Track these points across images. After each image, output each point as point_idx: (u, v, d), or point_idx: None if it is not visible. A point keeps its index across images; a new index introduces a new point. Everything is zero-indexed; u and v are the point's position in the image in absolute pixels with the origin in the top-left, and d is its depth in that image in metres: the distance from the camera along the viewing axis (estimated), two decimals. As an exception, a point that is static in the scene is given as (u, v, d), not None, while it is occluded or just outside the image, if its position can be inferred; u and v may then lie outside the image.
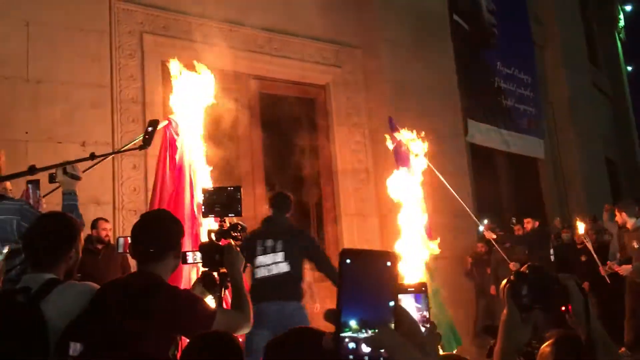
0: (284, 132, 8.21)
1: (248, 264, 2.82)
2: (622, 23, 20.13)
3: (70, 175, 3.07)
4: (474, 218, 7.76)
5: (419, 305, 1.19)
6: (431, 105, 9.01)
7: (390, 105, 8.63)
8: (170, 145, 4.16)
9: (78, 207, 3.07)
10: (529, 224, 9.02)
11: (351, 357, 0.72)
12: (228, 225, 2.83)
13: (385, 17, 8.98)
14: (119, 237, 3.62)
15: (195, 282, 2.85)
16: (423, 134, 6.28)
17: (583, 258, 8.39)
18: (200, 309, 2.33)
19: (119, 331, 2.16)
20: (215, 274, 2.75)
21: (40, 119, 5.93)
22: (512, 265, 8.19)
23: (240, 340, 2.27)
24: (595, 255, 7.82)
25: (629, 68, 21.12)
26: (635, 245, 6.77)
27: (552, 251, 8.51)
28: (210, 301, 2.68)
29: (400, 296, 1.18)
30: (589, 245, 7.96)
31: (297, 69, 8.27)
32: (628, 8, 20.99)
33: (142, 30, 6.86)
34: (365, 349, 0.72)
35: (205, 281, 2.73)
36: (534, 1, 13.77)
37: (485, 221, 8.76)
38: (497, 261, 8.46)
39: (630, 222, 6.91)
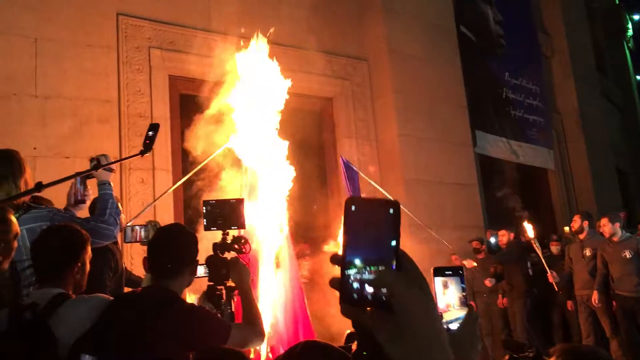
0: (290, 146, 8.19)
1: (254, 277, 2.79)
2: (630, 32, 20.06)
3: (104, 168, 3.16)
4: (445, 243, 7.64)
5: (462, 286, 1.20)
6: (439, 116, 9.00)
7: (397, 117, 8.62)
8: None
9: (113, 195, 3.18)
10: (504, 236, 8.53)
11: (355, 295, 0.76)
12: (231, 238, 2.81)
13: (392, 29, 8.99)
14: (127, 226, 3.60)
15: (201, 298, 2.82)
16: None
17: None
18: (216, 324, 2.31)
19: (132, 346, 2.13)
20: (221, 288, 2.72)
21: (48, 134, 5.95)
22: (488, 282, 8.05)
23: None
24: (544, 262, 7.58)
25: (639, 77, 21.01)
26: (628, 255, 6.73)
27: (529, 264, 8.08)
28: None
29: (439, 278, 1.22)
30: (538, 251, 7.70)
31: (304, 82, 8.28)
32: (636, 17, 20.92)
33: (150, 45, 6.89)
34: (369, 288, 0.76)
35: (211, 296, 2.70)
36: (541, 12, 13.76)
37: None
38: (473, 275, 8.29)
39: (618, 234, 6.90)
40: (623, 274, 6.81)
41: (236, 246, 2.88)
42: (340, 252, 0.79)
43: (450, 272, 1.25)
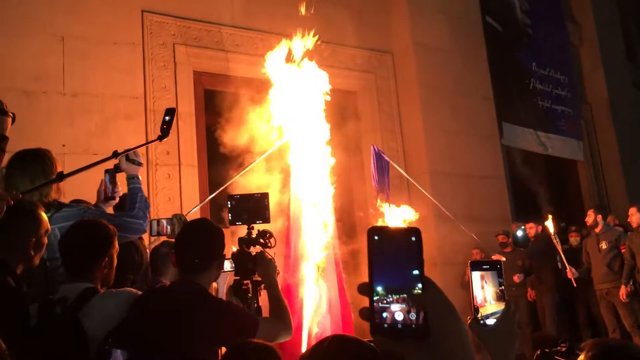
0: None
1: (279, 271, 2.79)
2: (662, 19, 19.54)
3: (132, 162, 3.23)
4: (473, 235, 7.52)
5: (500, 280, 1.19)
6: (465, 108, 8.89)
7: (422, 110, 8.54)
8: None
9: (142, 189, 3.23)
10: (532, 229, 8.39)
11: (385, 325, 0.77)
12: (256, 232, 2.80)
13: (417, 21, 8.90)
14: (152, 220, 3.62)
15: (228, 292, 2.82)
16: None
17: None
18: (244, 319, 2.32)
19: (162, 340, 2.14)
20: (247, 282, 2.73)
21: (76, 131, 6.04)
22: (517, 278, 7.86)
23: None
24: (563, 258, 7.44)
25: (671, 66, 20.47)
26: None
27: (558, 258, 7.77)
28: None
29: (477, 272, 1.21)
30: (558, 247, 7.50)
31: (329, 76, 8.24)
32: (668, 4, 20.38)
33: (174, 41, 6.94)
34: (399, 316, 0.77)
35: (237, 290, 2.70)
36: (569, 0, 13.49)
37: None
38: None
39: None
40: None
41: (262, 240, 2.89)
42: (367, 281, 0.81)
43: (488, 267, 1.23)
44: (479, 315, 1.18)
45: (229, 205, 3.06)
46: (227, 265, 3.17)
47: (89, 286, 2.33)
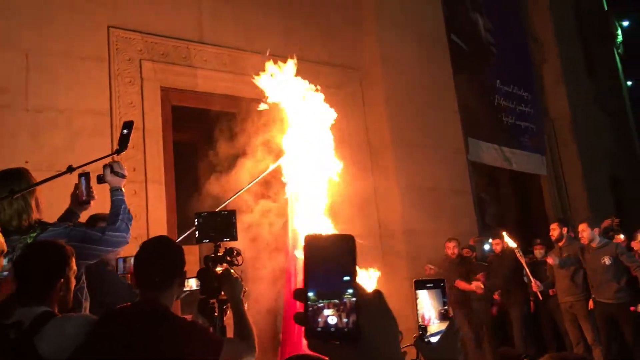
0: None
1: (247, 289, 2.78)
2: (620, 38, 20.19)
3: (116, 174, 3.27)
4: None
5: (443, 300, 1.22)
6: (431, 124, 9.03)
7: (390, 125, 8.64)
8: None
9: (125, 201, 3.25)
10: (498, 245, 8.46)
11: (319, 329, 0.81)
12: (223, 250, 2.80)
13: (384, 37, 9.03)
14: (118, 258, 3.61)
15: (195, 313, 2.80)
16: None
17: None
18: (208, 339, 2.27)
19: None
20: (214, 301, 2.71)
21: (40, 147, 5.94)
22: (477, 288, 7.86)
23: None
24: (528, 272, 7.49)
25: (629, 83, 21.14)
26: (607, 261, 6.69)
27: (524, 272, 7.73)
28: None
29: (422, 291, 1.24)
30: (522, 261, 7.51)
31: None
32: (625, 23, 21.09)
33: (141, 57, 6.90)
34: (332, 320, 0.81)
35: (203, 309, 2.67)
36: (530, 19, 13.86)
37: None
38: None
39: (597, 239, 6.87)
40: (602, 281, 6.75)
41: (228, 258, 2.88)
42: (302, 287, 0.84)
43: (432, 285, 1.26)
44: (424, 333, 1.22)
45: (196, 223, 3.06)
46: (193, 283, 3.16)
47: (46, 310, 2.26)
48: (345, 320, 0.81)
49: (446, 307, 1.21)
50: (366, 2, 9.20)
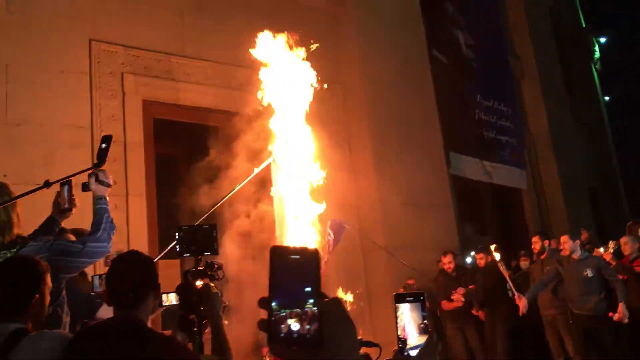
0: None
1: (227, 304, 2.76)
2: (597, 55, 20.58)
3: (101, 182, 3.24)
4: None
5: (423, 314, 1.23)
6: (413, 138, 9.08)
7: (372, 140, 8.68)
8: None
9: (109, 210, 3.22)
10: (482, 259, 8.46)
11: (282, 335, 0.84)
12: (204, 264, 2.78)
13: (365, 53, 9.10)
14: (94, 275, 3.57)
15: (175, 328, 2.77)
16: None
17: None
18: (185, 356, 2.24)
19: None
20: (193, 316, 2.69)
21: (19, 161, 5.87)
22: (456, 297, 7.88)
23: None
24: (511, 285, 7.39)
25: (607, 98, 21.52)
26: (589, 274, 6.73)
27: (507, 285, 7.56)
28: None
29: (402, 305, 1.25)
30: (504, 272, 7.46)
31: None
32: (603, 40, 21.51)
33: (123, 70, 6.88)
34: (295, 327, 0.84)
35: (182, 324, 2.65)
36: (511, 36, 14.08)
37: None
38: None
39: (578, 252, 6.91)
40: (583, 293, 6.74)
41: (209, 272, 2.86)
42: (266, 296, 0.87)
43: (412, 299, 1.28)
44: (404, 346, 1.23)
45: (177, 237, 3.04)
46: (174, 298, 3.13)
47: (20, 327, 2.22)
48: (307, 327, 0.84)
49: (426, 321, 1.22)
50: (347, 17, 9.27)
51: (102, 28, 6.83)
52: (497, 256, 7.54)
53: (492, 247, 7.76)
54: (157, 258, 4.49)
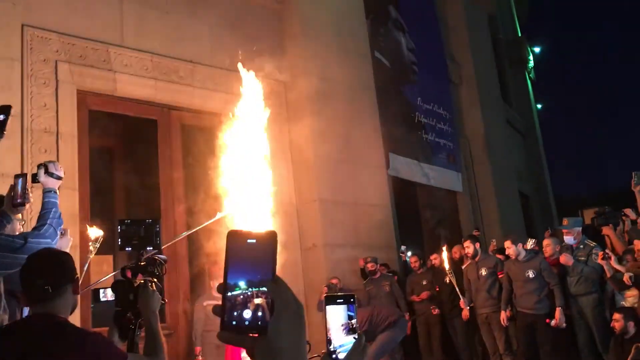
0: (208, 165, 8.07)
1: (166, 300, 2.68)
2: (531, 63, 21.38)
3: (51, 175, 3.14)
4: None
5: (351, 314, 1.23)
6: (354, 139, 9.15)
7: (314, 139, 8.69)
8: None
9: (58, 204, 3.12)
10: (437, 259, 8.73)
11: (234, 322, 0.85)
12: (145, 260, 2.69)
13: (310, 52, 9.10)
14: (93, 288, 3.29)
15: (111, 327, 2.66)
16: None
17: None
18: (110, 353, 2.15)
19: None
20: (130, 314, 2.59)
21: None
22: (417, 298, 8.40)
23: None
24: (457, 289, 7.81)
25: (539, 106, 22.39)
26: (531, 275, 7.06)
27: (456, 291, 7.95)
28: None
29: (331, 306, 1.25)
30: (453, 281, 7.81)
31: (221, 102, 8.20)
32: (537, 49, 22.37)
33: (57, 58, 6.60)
34: (246, 314, 0.85)
35: (118, 322, 2.54)
36: (450, 41, 14.42)
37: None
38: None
39: (523, 253, 7.26)
40: (525, 292, 7.11)
41: (149, 269, 2.76)
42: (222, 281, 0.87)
43: (342, 300, 1.28)
44: (332, 348, 1.23)
45: (118, 230, 2.93)
46: (110, 294, 3.01)
47: None
48: (258, 314, 0.85)
49: (354, 322, 1.23)
50: (291, 15, 9.25)
51: (36, 13, 6.53)
52: (446, 262, 7.84)
53: (444, 248, 8.06)
54: (91, 255, 4.34)
